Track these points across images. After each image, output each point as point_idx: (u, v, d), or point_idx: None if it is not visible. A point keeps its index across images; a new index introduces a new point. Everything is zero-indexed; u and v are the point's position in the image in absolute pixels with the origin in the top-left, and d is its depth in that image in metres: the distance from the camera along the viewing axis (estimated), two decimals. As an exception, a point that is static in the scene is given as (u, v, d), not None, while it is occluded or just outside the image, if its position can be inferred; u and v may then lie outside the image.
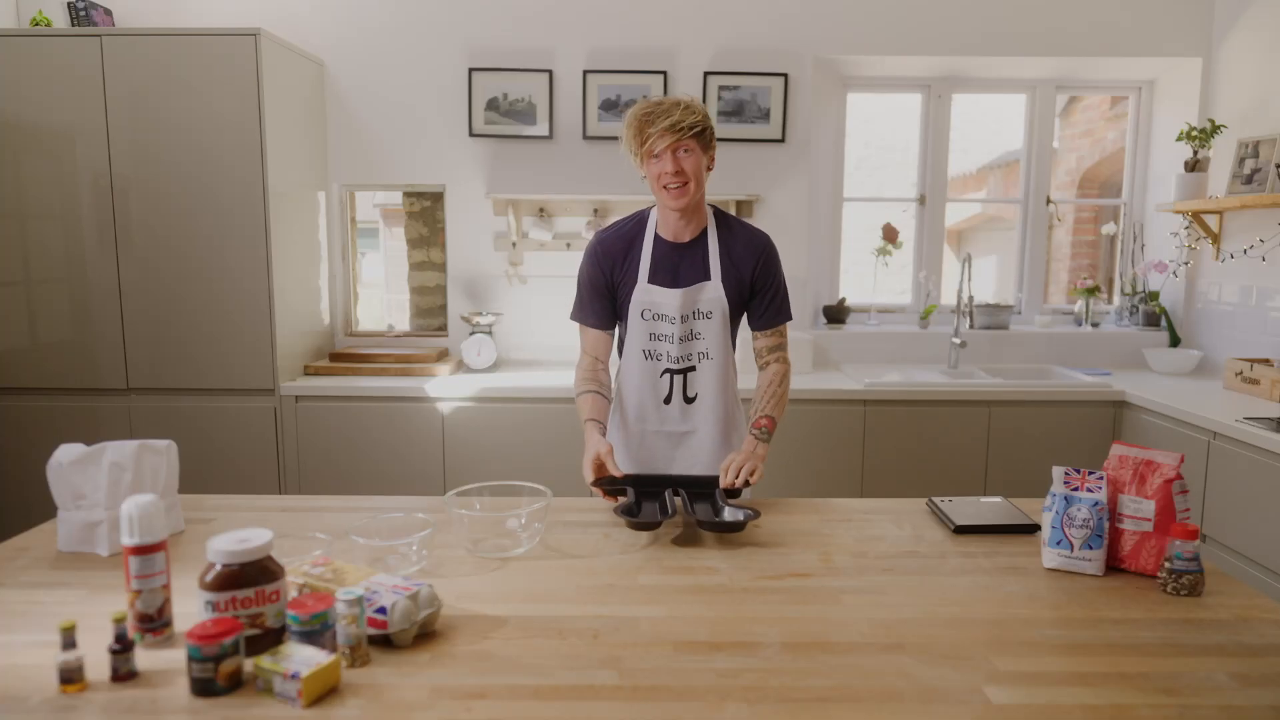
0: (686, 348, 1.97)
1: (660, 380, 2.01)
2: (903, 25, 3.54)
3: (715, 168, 1.97)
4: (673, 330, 1.96)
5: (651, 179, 1.87)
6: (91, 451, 1.56)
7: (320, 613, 1.14)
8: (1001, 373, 3.55)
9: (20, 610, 1.32)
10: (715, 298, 1.94)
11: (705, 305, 1.95)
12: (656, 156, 1.83)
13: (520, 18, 3.51)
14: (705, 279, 1.94)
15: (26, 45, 2.94)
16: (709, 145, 1.88)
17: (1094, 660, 1.18)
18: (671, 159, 1.82)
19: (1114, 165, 4.21)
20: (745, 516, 1.59)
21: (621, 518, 1.59)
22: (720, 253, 1.94)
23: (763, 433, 1.91)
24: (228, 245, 3.04)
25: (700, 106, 1.87)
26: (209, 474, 3.09)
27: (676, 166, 1.82)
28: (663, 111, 1.81)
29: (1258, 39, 3.30)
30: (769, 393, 1.96)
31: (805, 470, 3.12)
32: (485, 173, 3.60)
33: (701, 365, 1.99)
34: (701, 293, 1.94)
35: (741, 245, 1.96)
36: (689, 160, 1.83)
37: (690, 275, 1.95)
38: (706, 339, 1.97)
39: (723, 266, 1.94)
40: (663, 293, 1.95)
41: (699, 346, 1.98)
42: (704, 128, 1.85)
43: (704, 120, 1.85)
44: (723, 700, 1.08)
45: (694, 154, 1.84)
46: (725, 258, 1.94)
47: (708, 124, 1.87)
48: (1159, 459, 1.48)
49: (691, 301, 1.94)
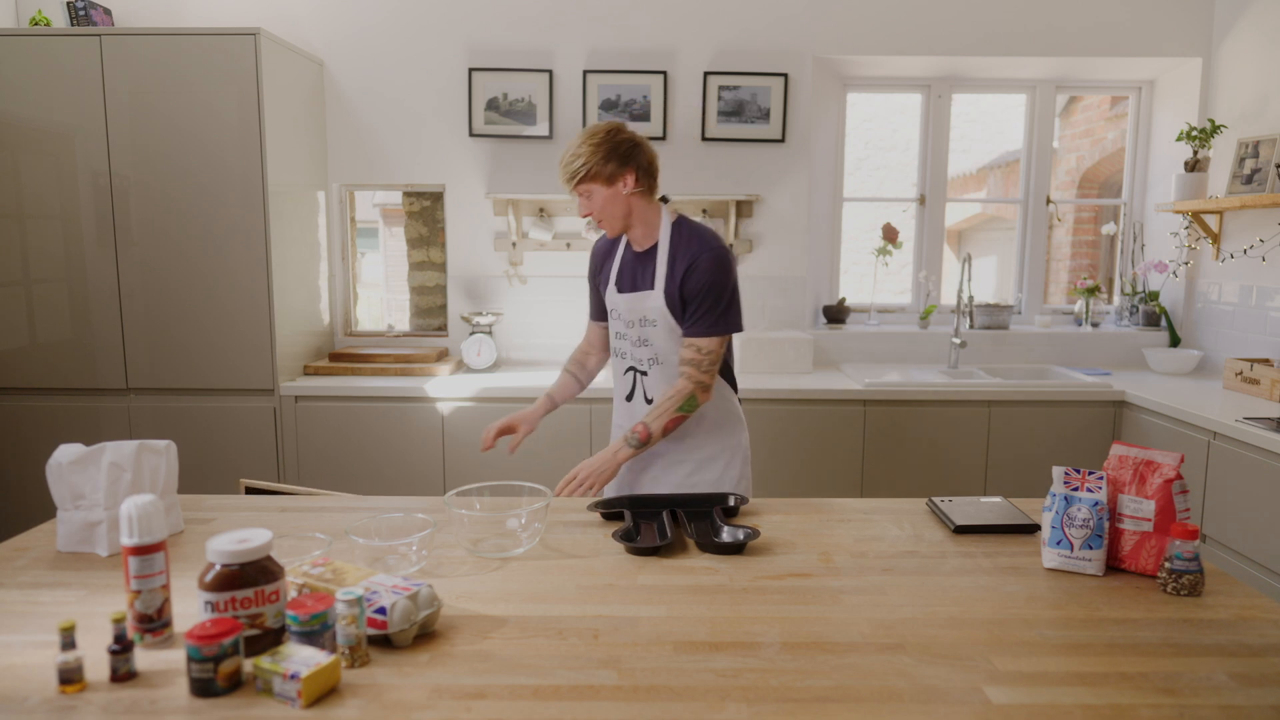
0: (639, 351, 2.09)
1: (624, 376, 2.14)
2: (903, 25, 3.54)
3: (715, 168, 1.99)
4: (628, 333, 2.09)
5: None
6: (91, 452, 1.56)
7: (320, 613, 1.14)
8: (1001, 373, 3.55)
9: (19, 610, 1.32)
10: (656, 306, 2.01)
11: (649, 313, 2.03)
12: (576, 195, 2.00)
13: (520, 18, 3.51)
14: (650, 288, 2.03)
15: (26, 45, 2.94)
16: (615, 174, 1.94)
17: (1094, 660, 1.18)
18: (581, 201, 1.98)
19: (1114, 165, 4.22)
20: (745, 536, 1.59)
21: (620, 542, 1.59)
22: (667, 262, 2.00)
23: (633, 438, 1.97)
24: (227, 245, 3.04)
25: (586, 149, 1.93)
26: (209, 474, 3.09)
27: (585, 209, 1.99)
28: (561, 162, 1.97)
29: (1258, 39, 3.30)
30: (659, 405, 1.98)
31: (805, 470, 3.12)
32: (485, 173, 3.60)
33: (652, 370, 2.08)
34: (645, 300, 2.03)
35: (682, 254, 1.99)
36: (591, 203, 1.97)
37: (641, 283, 2.05)
38: (654, 345, 2.05)
39: (667, 276, 2.00)
40: (617, 297, 2.09)
41: (649, 352, 2.07)
42: (586, 172, 1.92)
43: (585, 165, 1.92)
44: (722, 700, 1.08)
45: (593, 196, 1.96)
46: (670, 267, 2.00)
47: (591, 164, 1.92)
48: (1159, 459, 1.48)
49: (637, 308, 2.05)
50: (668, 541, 1.58)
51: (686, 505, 1.76)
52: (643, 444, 1.96)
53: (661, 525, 1.67)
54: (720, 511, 1.72)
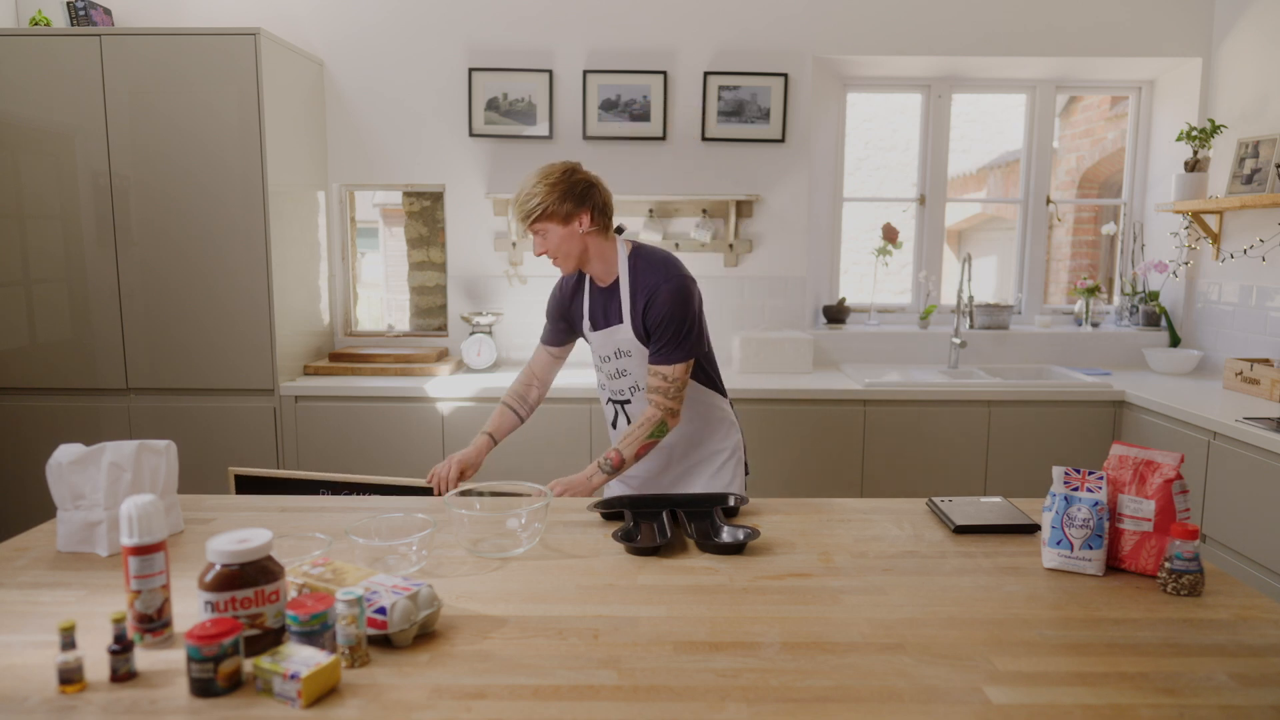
0: (618, 383, 2.12)
1: (608, 407, 2.21)
2: (903, 25, 3.54)
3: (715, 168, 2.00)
4: (605, 366, 2.13)
5: None
6: (91, 452, 1.56)
7: (320, 613, 1.14)
8: (1001, 373, 3.55)
9: (19, 610, 1.32)
10: (627, 338, 2.04)
11: (622, 344, 2.06)
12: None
13: (520, 18, 3.51)
14: (619, 321, 2.05)
15: (26, 45, 2.94)
16: (571, 213, 1.94)
17: (1094, 660, 1.18)
18: (536, 240, 1.99)
19: (1114, 165, 4.22)
20: (745, 536, 1.59)
21: (620, 542, 1.59)
22: (630, 295, 2.02)
23: (606, 464, 1.97)
24: (227, 245, 3.04)
25: (542, 189, 1.92)
26: (209, 474, 3.09)
27: (539, 249, 1.99)
28: (516, 201, 1.96)
29: (1258, 39, 3.30)
30: (630, 432, 1.99)
31: (805, 470, 3.12)
32: (485, 173, 3.60)
33: (635, 398, 2.12)
34: (616, 334, 2.06)
35: (641, 286, 2.00)
36: (546, 241, 1.97)
37: (610, 317, 2.07)
38: (633, 374, 2.09)
39: (631, 309, 2.02)
40: (593, 335, 2.12)
41: (628, 381, 2.11)
42: (541, 211, 1.92)
43: (541, 204, 1.91)
44: (723, 700, 1.08)
45: (549, 235, 1.96)
46: (633, 299, 2.01)
47: (546, 204, 1.91)
48: (1159, 459, 1.48)
49: (610, 341, 2.08)
50: (668, 541, 1.58)
51: (686, 505, 1.76)
52: (615, 469, 1.98)
53: (661, 525, 1.67)
54: (720, 511, 1.73)
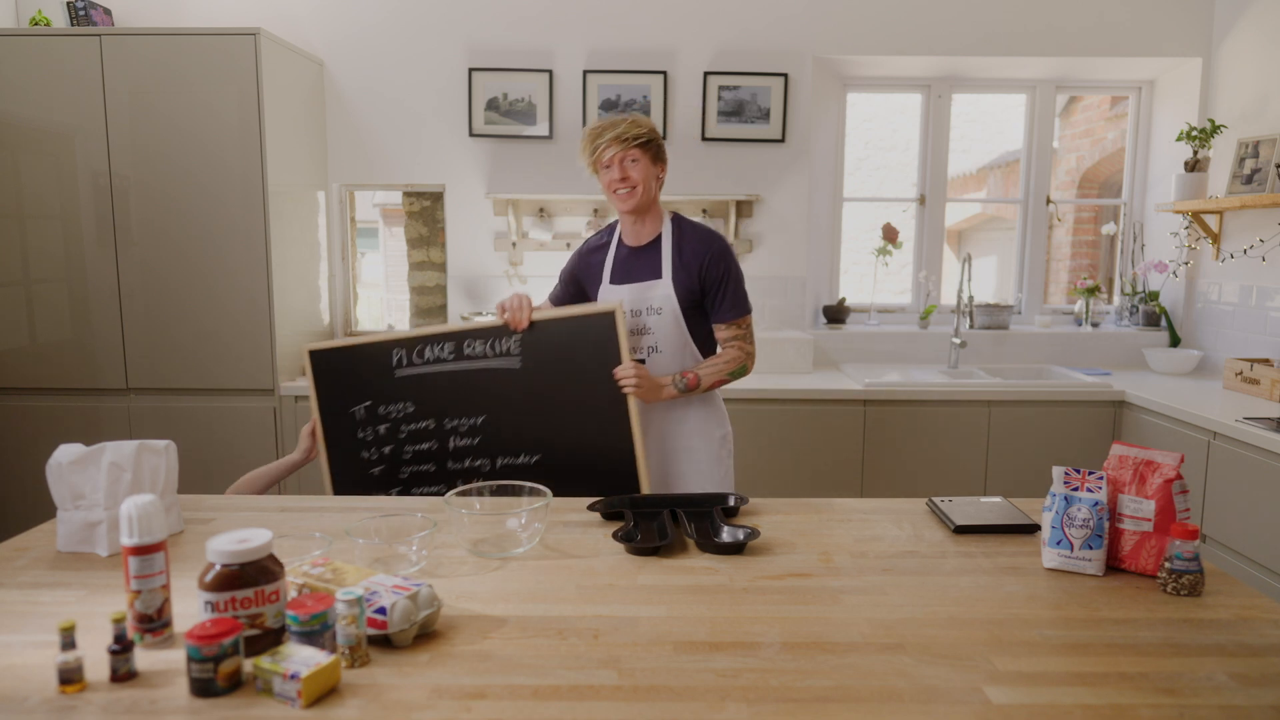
0: (636, 340, 2.17)
1: None
2: (903, 25, 3.54)
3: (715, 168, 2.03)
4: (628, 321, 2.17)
5: (604, 186, 2.12)
6: (91, 452, 1.56)
7: (320, 613, 1.14)
8: (1001, 373, 3.55)
9: (19, 610, 1.32)
10: (665, 295, 2.12)
11: (655, 301, 2.13)
12: (607, 166, 2.08)
13: (520, 18, 3.51)
14: (657, 277, 2.14)
15: (26, 45, 2.94)
16: (658, 158, 2.12)
17: (1094, 660, 1.18)
18: (619, 167, 2.06)
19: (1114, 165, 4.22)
20: (745, 536, 1.59)
21: (620, 542, 1.59)
22: (673, 254, 2.14)
23: (680, 381, 2.09)
24: (227, 245, 3.04)
25: (648, 122, 2.10)
26: (209, 474, 3.08)
27: (623, 174, 2.06)
28: (611, 125, 2.07)
29: (1258, 39, 3.31)
30: (713, 363, 2.14)
31: (805, 470, 3.12)
32: (485, 173, 3.60)
33: (652, 359, 2.17)
34: (651, 290, 2.14)
35: (692, 246, 2.13)
36: (635, 168, 2.07)
37: (642, 274, 2.16)
38: (656, 334, 2.15)
39: (674, 266, 2.13)
40: (612, 289, 2.19)
41: (648, 340, 2.16)
42: (649, 139, 2.08)
43: (650, 133, 2.09)
44: (723, 700, 1.08)
45: (640, 163, 2.07)
46: (677, 258, 2.13)
47: (654, 137, 2.10)
48: (1159, 459, 1.48)
49: (642, 298, 2.14)
50: (668, 541, 1.58)
51: (686, 505, 1.76)
52: (689, 389, 2.10)
53: (661, 525, 1.67)
54: (720, 511, 1.73)
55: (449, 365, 2.09)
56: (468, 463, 2.09)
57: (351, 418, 2.12)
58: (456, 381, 2.08)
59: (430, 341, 2.09)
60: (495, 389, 2.07)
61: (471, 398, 2.08)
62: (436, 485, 2.10)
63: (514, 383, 2.07)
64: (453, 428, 2.09)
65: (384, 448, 2.11)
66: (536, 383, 2.06)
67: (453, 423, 2.09)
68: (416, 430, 2.10)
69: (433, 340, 2.09)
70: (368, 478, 2.12)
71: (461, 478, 2.09)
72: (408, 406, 2.09)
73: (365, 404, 2.11)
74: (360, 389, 2.11)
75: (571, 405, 2.05)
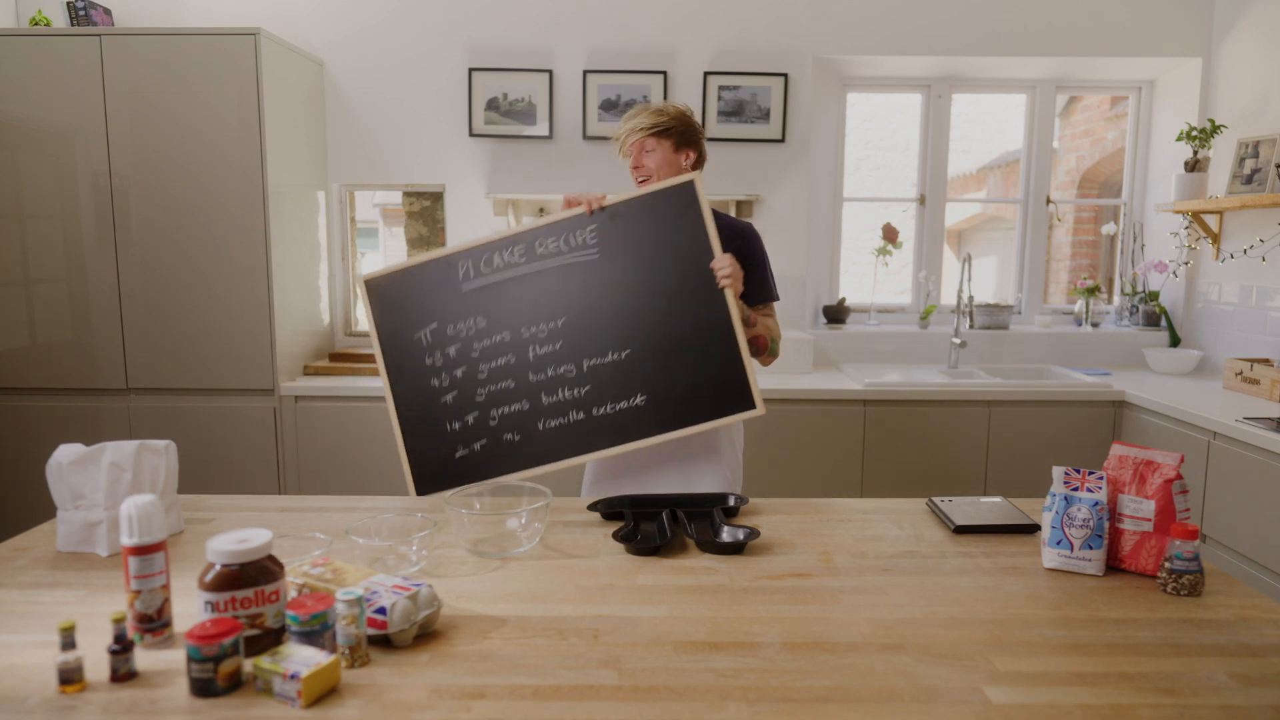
0: None
1: None
2: (903, 25, 3.54)
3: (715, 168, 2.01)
4: None
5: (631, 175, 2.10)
6: (91, 452, 1.56)
7: (320, 613, 1.14)
8: (1001, 373, 3.55)
9: (20, 610, 1.32)
10: None
11: None
12: (628, 155, 2.07)
13: (520, 18, 3.51)
14: None
15: (26, 45, 2.94)
16: (682, 144, 2.05)
17: (1094, 660, 1.18)
18: (636, 156, 2.05)
19: (1114, 165, 4.21)
20: (745, 536, 1.59)
21: (620, 542, 1.59)
22: None
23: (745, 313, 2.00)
24: (227, 245, 3.04)
25: (673, 109, 2.06)
26: (209, 474, 3.09)
27: (637, 163, 2.05)
28: (632, 115, 2.05)
29: (1258, 39, 3.30)
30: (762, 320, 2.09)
31: (805, 470, 3.12)
32: (485, 173, 3.60)
33: None
34: None
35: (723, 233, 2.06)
36: (650, 158, 2.03)
37: None
38: None
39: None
40: None
41: None
42: (666, 128, 2.03)
43: (668, 121, 2.03)
44: (723, 700, 1.08)
45: (656, 152, 2.03)
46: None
47: (674, 125, 2.04)
48: (1159, 459, 1.48)
49: None
50: (668, 541, 1.58)
51: (686, 505, 1.76)
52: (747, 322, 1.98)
53: (661, 525, 1.67)
54: (720, 511, 1.73)
55: (521, 269, 1.92)
56: (550, 371, 1.91)
57: (417, 344, 1.95)
58: (530, 285, 1.92)
59: (498, 247, 1.93)
60: (573, 286, 1.91)
61: (548, 300, 1.91)
62: (519, 402, 1.92)
63: (593, 276, 1.90)
64: (531, 336, 1.92)
65: (456, 370, 1.94)
66: (618, 271, 1.90)
67: (530, 330, 1.92)
68: (490, 346, 1.93)
69: (501, 245, 1.93)
70: (439, 407, 1.95)
71: (545, 389, 1.91)
72: (479, 321, 1.93)
73: (430, 326, 1.94)
74: (424, 311, 1.95)
75: (657, 292, 1.89)
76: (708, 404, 1.88)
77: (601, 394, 1.88)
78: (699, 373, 1.88)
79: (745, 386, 1.90)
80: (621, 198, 1.91)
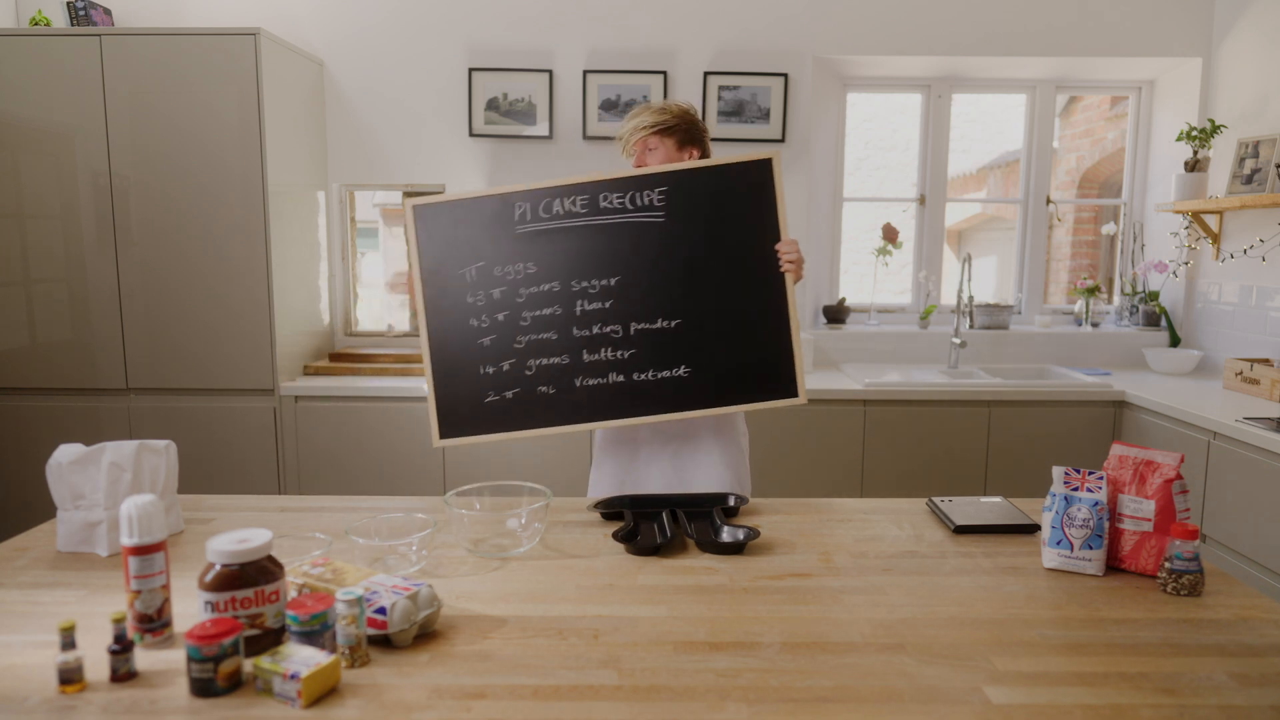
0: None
1: None
2: (903, 25, 3.54)
3: None
4: None
5: None
6: (91, 452, 1.56)
7: (320, 613, 1.14)
8: (1001, 373, 3.55)
9: (19, 610, 1.32)
10: None
11: None
12: (632, 154, 2.05)
13: (520, 18, 3.51)
14: None
15: (26, 45, 2.94)
16: (686, 142, 2.04)
17: (1094, 660, 1.18)
18: (640, 155, 2.03)
19: (1114, 165, 4.21)
20: (745, 536, 1.59)
21: (620, 542, 1.59)
22: None
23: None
24: (227, 245, 3.04)
25: (677, 108, 2.04)
26: (209, 474, 3.09)
27: (641, 162, 2.03)
28: (636, 113, 2.04)
29: (1258, 39, 3.30)
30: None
31: (805, 470, 3.12)
32: (485, 173, 3.60)
33: None
34: None
35: None
36: (654, 156, 2.02)
37: None
38: None
39: None
40: None
41: None
42: (670, 126, 2.01)
43: (672, 119, 2.02)
44: (722, 700, 1.08)
45: (658, 150, 2.01)
46: None
47: (677, 123, 2.02)
48: (1159, 459, 1.48)
49: None
50: (668, 541, 1.58)
51: (686, 505, 1.76)
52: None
53: (661, 525, 1.67)
54: (720, 511, 1.73)
55: (580, 220, 1.87)
56: (596, 329, 1.87)
57: (460, 280, 1.88)
58: (588, 238, 1.86)
59: (560, 194, 1.87)
60: (632, 246, 1.86)
61: (605, 256, 1.86)
62: (560, 356, 1.87)
63: (655, 238, 1.86)
64: (581, 290, 1.86)
65: (498, 314, 1.87)
66: (681, 239, 1.86)
67: (581, 284, 1.86)
68: (537, 294, 1.87)
69: (563, 193, 1.87)
70: (476, 349, 1.88)
71: (588, 347, 1.87)
72: (528, 267, 1.87)
73: (478, 264, 1.87)
74: (473, 247, 1.87)
75: (718, 267, 1.85)
76: (752, 385, 1.87)
77: (645, 360, 1.85)
78: (748, 353, 1.87)
79: (792, 373, 1.88)
80: (699, 164, 1.88)
